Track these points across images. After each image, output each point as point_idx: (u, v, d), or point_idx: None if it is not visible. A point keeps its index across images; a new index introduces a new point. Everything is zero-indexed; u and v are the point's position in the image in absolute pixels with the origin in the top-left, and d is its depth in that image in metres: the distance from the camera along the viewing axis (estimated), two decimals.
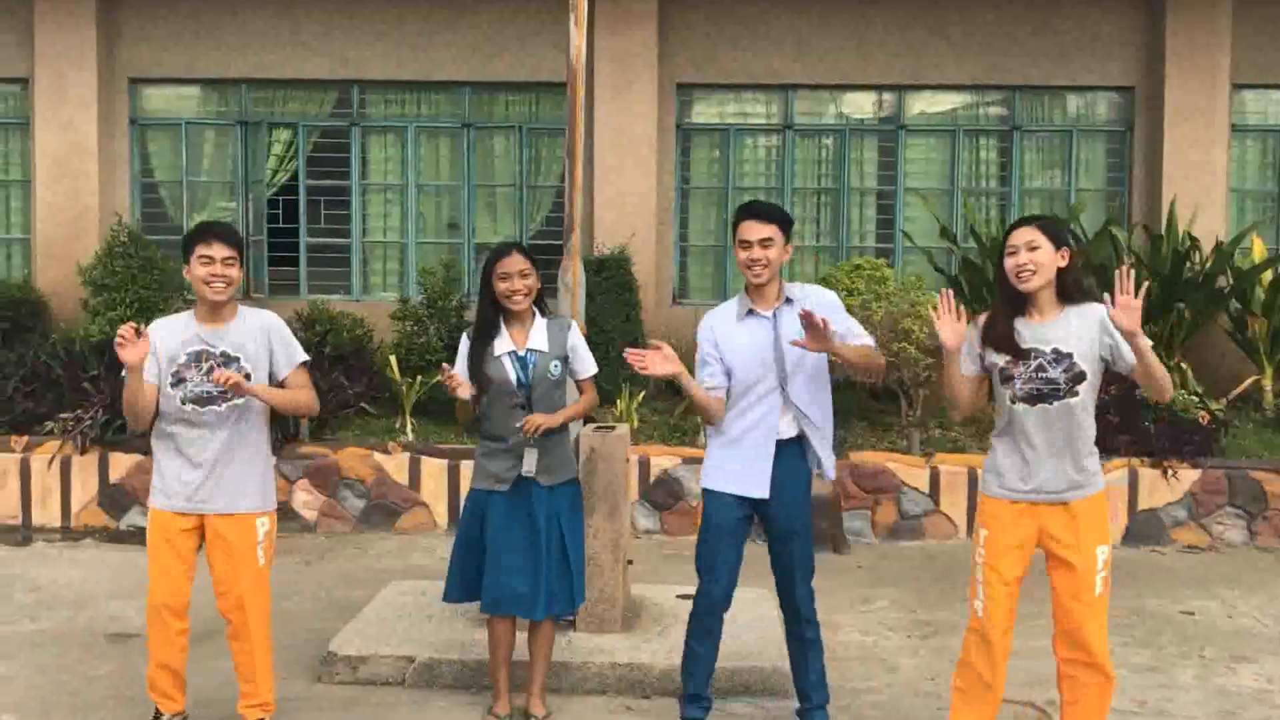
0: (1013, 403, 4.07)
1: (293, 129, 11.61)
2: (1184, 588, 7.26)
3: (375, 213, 11.73)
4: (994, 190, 11.58)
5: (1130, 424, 8.50)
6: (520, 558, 4.57)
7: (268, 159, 11.65)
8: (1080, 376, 3.99)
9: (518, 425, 4.51)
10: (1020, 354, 4.03)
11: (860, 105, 11.57)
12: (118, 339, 4.12)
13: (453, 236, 11.61)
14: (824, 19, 11.25)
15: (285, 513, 8.49)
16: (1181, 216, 10.45)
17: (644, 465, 8.48)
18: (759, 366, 4.44)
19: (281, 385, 4.46)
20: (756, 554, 4.78)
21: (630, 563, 5.88)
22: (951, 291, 4.11)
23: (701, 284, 11.54)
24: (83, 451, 8.56)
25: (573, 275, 5.66)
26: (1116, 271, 3.81)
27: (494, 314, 4.62)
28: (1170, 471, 8.40)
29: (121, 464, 8.59)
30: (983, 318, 4.18)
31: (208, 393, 4.30)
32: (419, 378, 9.15)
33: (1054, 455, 4.02)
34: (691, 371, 4.51)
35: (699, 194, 11.60)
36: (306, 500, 8.57)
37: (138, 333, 4.17)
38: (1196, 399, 8.78)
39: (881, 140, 11.58)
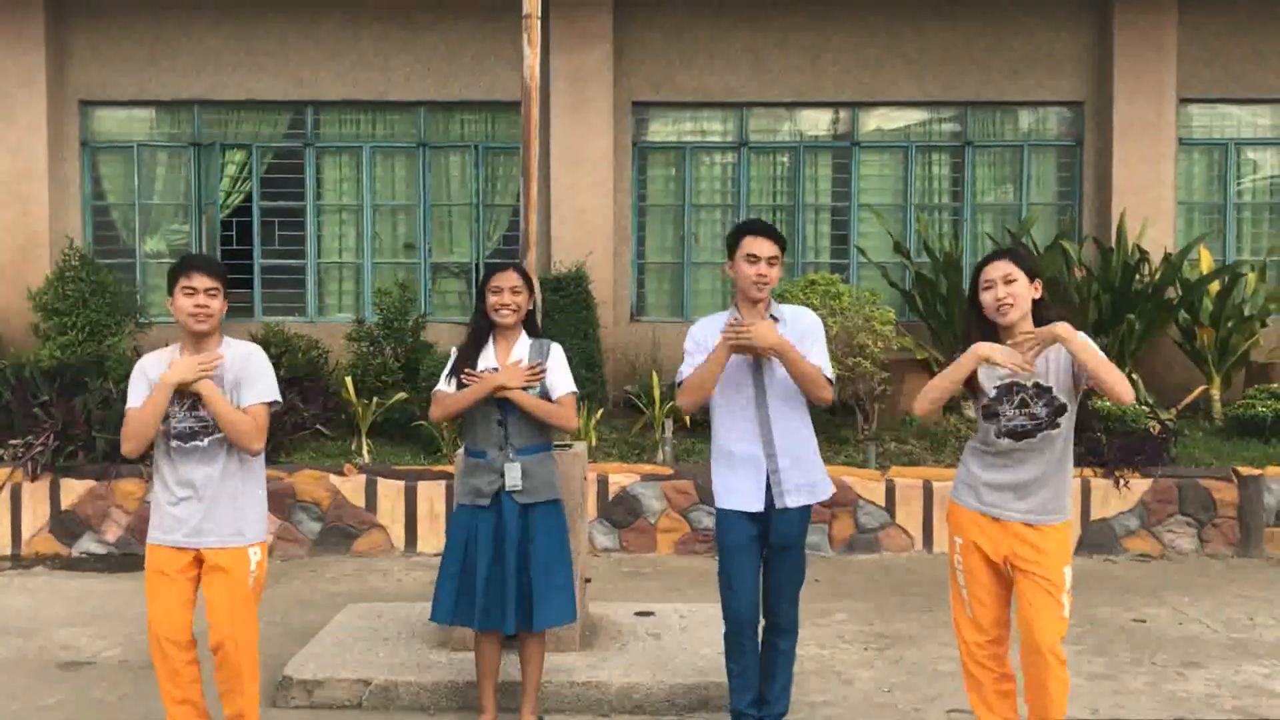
0: (998, 437, 4.10)
1: (246, 150, 11.55)
2: (1136, 596, 7.34)
3: (330, 234, 11.69)
4: (947, 205, 11.70)
5: (1082, 434, 8.59)
6: (498, 572, 4.62)
7: (221, 181, 11.59)
8: (1061, 409, 4.03)
9: (496, 442, 4.62)
10: (978, 391, 4.11)
11: (815, 122, 11.66)
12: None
13: (409, 257, 11.59)
14: (780, 38, 11.34)
15: None
16: (1131, 229, 10.61)
17: (602, 483, 8.47)
18: (739, 374, 4.55)
19: None
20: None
21: (588, 581, 5.88)
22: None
23: (659, 301, 11.55)
24: (33, 478, 8.44)
25: None
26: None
27: (485, 329, 4.76)
28: (1122, 481, 8.51)
29: (73, 491, 8.48)
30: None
31: (190, 428, 4.27)
32: (375, 399, 9.11)
33: (1030, 482, 4.08)
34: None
35: (656, 211, 11.64)
36: None
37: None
38: (1147, 409, 8.90)
39: (836, 157, 11.67)
